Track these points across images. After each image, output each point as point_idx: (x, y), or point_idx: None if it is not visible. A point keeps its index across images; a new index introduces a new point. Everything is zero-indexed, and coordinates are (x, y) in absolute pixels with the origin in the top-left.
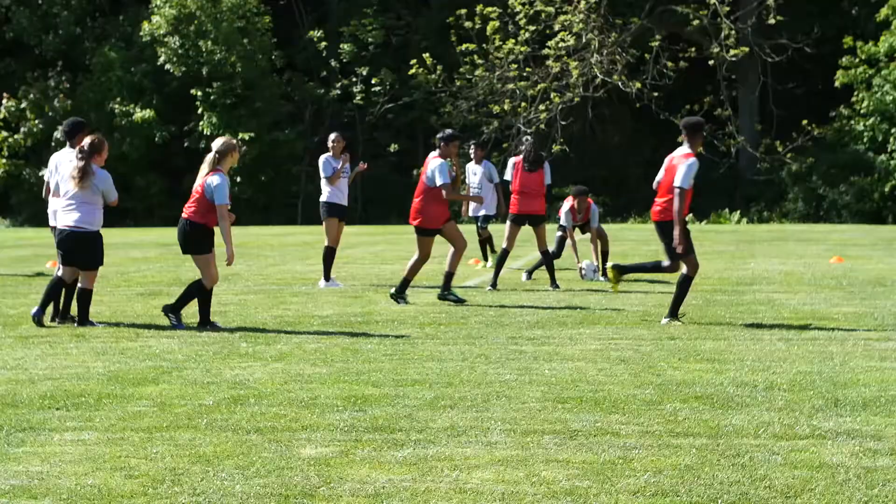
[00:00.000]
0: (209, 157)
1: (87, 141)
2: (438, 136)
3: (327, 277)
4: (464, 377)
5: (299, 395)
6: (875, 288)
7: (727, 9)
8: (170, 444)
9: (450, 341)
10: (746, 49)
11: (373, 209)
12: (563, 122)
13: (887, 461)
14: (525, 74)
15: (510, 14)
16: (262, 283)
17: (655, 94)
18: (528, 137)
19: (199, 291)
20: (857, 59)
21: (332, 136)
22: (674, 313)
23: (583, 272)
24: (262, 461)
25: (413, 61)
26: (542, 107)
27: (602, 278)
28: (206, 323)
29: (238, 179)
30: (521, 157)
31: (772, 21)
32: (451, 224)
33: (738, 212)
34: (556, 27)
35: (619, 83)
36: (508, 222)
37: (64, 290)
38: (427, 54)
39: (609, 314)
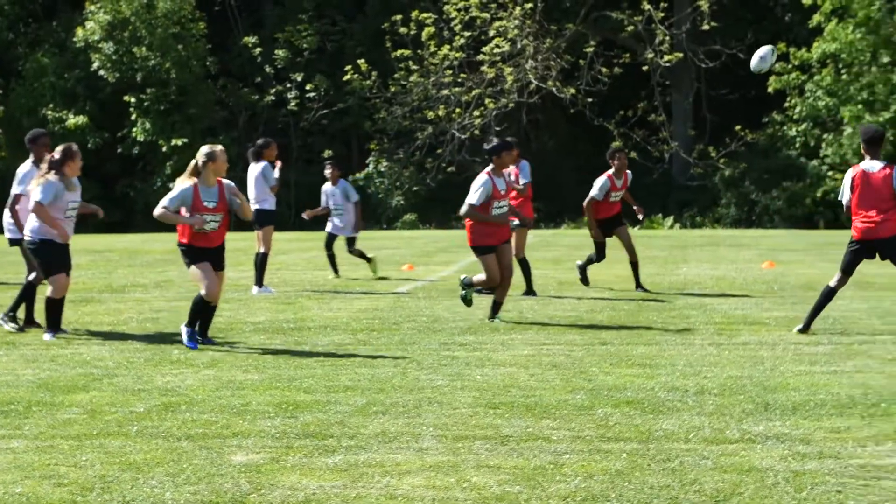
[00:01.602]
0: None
1: (58, 150)
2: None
3: (260, 284)
4: (395, 383)
5: (231, 401)
6: (806, 292)
7: (661, 15)
8: (100, 452)
9: (382, 347)
10: (680, 55)
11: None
12: (498, 128)
13: (816, 465)
14: (460, 80)
15: (445, 20)
16: (195, 290)
17: (590, 99)
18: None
19: (197, 304)
20: (790, 65)
21: (259, 142)
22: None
23: None
24: (192, 468)
25: (348, 67)
26: (476, 112)
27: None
28: (202, 335)
29: (171, 186)
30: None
31: (706, 27)
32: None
33: (672, 217)
34: (492, 33)
35: (554, 89)
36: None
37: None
38: (362, 60)
39: (541, 320)
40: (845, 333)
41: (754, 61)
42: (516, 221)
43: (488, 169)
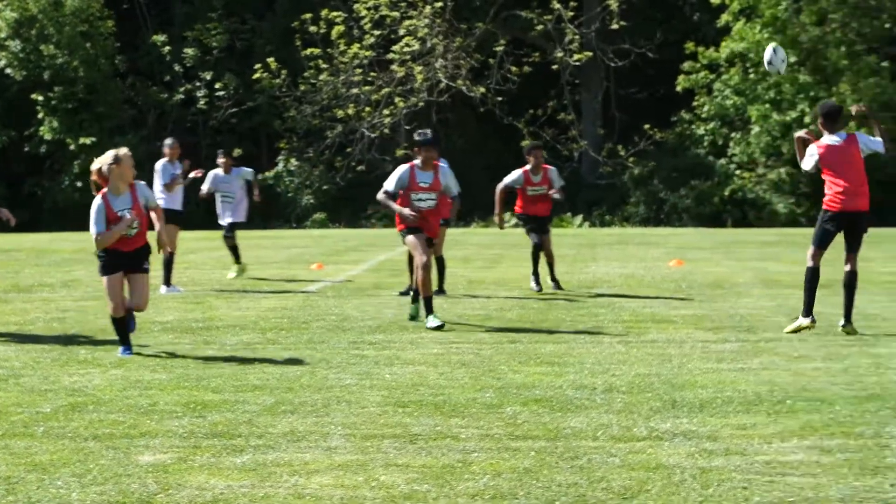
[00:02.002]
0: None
1: None
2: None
3: (168, 283)
4: (304, 382)
5: (138, 401)
6: (713, 291)
7: (571, 14)
8: (5, 453)
9: (291, 346)
10: (590, 54)
11: (215, 214)
12: (408, 127)
13: (722, 461)
14: (370, 79)
15: (355, 19)
16: (102, 289)
17: (499, 98)
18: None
19: (113, 322)
20: (699, 65)
21: (168, 141)
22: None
23: None
24: (99, 468)
25: (257, 66)
26: (386, 111)
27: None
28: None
29: (79, 185)
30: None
31: (615, 26)
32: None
33: (581, 215)
34: (401, 32)
35: (464, 88)
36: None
37: None
38: (272, 59)
39: (450, 318)
40: (752, 331)
41: (778, 64)
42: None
43: (415, 161)
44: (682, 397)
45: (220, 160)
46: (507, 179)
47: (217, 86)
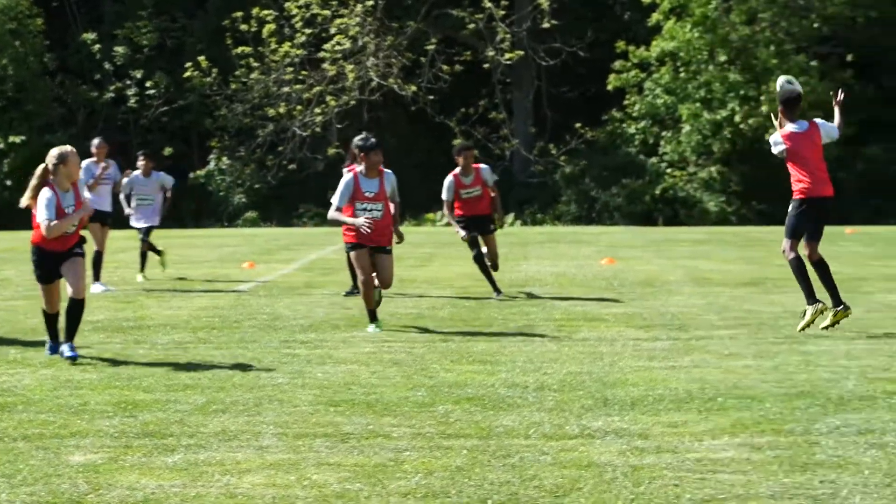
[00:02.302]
0: (39, 169)
1: None
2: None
3: (97, 279)
4: (236, 381)
5: (69, 401)
6: (645, 289)
7: (502, 13)
8: None
9: (222, 345)
10: (521, 53)
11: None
12: (339, 126)
13: (653, 459)
14: (301, 78)
15: (286, 17)
16: (32, 289)
17: (431, 97)
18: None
19: (45, 317)
20: (629, 64)
21: (95, 141)
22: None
23: None
24: (29, 469)
25: (188, 64)
26: (317, 110)
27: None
28: (68, 339)
29: (8, 184)
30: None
31: (546, 25)
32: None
33: (512, 214)
34: (333, 30)
35: (395, 86)
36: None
37: None
38: (202, 57)
39: (382, 317)
40: (683, 329)
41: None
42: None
43: (358, 168)
44: (613, 395)
45: (140, 162)
46: (444, 193)
47: (148, 84)
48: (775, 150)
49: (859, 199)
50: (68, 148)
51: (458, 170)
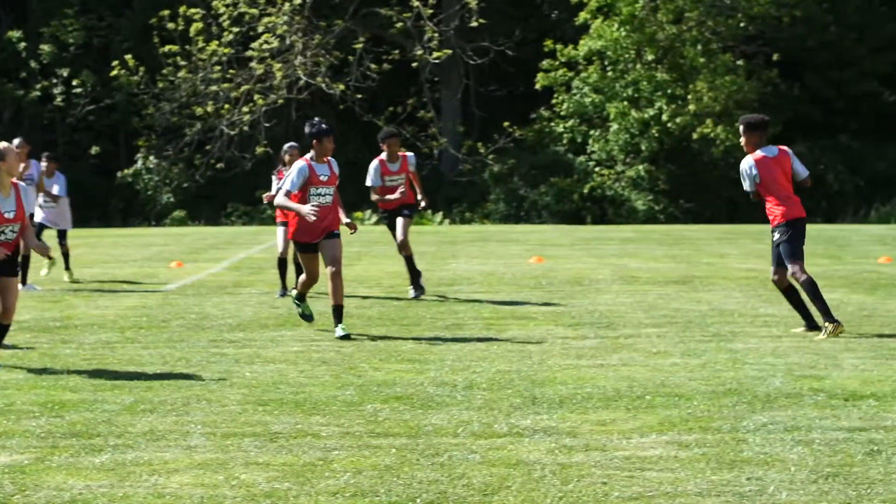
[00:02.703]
0: None
1: None
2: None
3: (24, 282)
4: (164, 381)
5: None
6: (573, 287)
7: (430, 12)
8: None
9: (150, 345)
10: (449, 51)
11: (73, 212)
12: (267, 124)
13: (582, 457)
14: (229, 76)
15: (214, 16)
16: None
17: (359, 96)
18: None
19: None
20: (557, 62)
21: (16, 141)
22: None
23: None
24: None
25: (115, 63)
26: (245, 109)
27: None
28: None
29: None
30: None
31: (474, 24)
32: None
33: (441, 213)
34: (260, 29)
35: (323, 85)
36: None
37: None
38: (129, 56)
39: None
40: (611, 327)
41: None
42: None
43: (307, 156)
44: (542, 394)
45: (43, 163)
46: (369, 179)
47: (74, 83)
48: (747, 186)
49: None
50: (2, 144)
51: (383, 156)
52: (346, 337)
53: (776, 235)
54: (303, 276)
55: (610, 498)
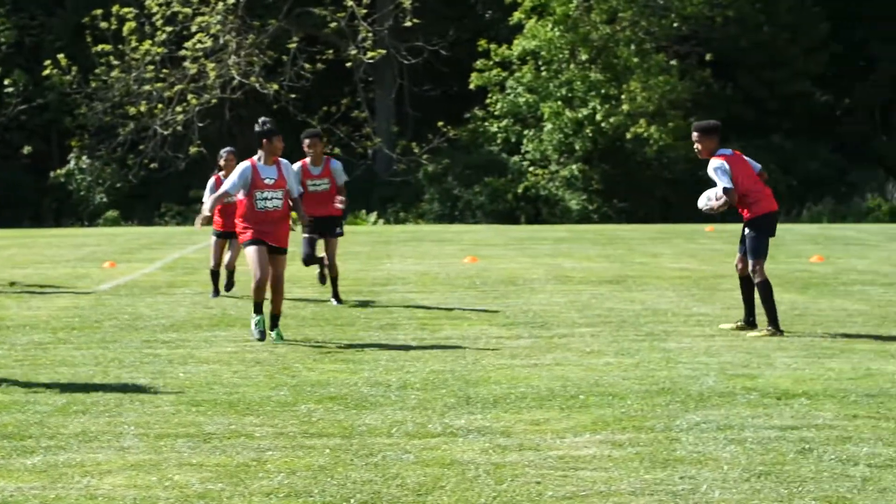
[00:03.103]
0: None
1: None
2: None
3: None
4: (96, 382)
5: None
6: (507, 287)
7: (364, 11)
8: None
9: (83, 346)
10: (383, 51)
11: (4, 212)
12: (201, 124)
13: (516, 457)
14: (162, 76)
15: (147, 15)
16: None
17: (293, 95)
18: None
19: None
20: (491, 62)
21: None
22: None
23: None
24: None
25: (47, 62)
26: (179, 108)
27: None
28: None
29: None
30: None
31: (408, 24)
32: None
33: (375, 213)
34: (194, 28)
35: (257, 85)
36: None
37: None
38: (62, 55)
39: (244, 317)
40: (545, 327)
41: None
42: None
43: (255, 157)
44: (476, 393)
45: None
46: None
47: (6, 82)
48: (726, 182)
49: None
50: None
51: (307, 158)
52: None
53: (747, 230)
54: (253, 288)
55: (544, 497)
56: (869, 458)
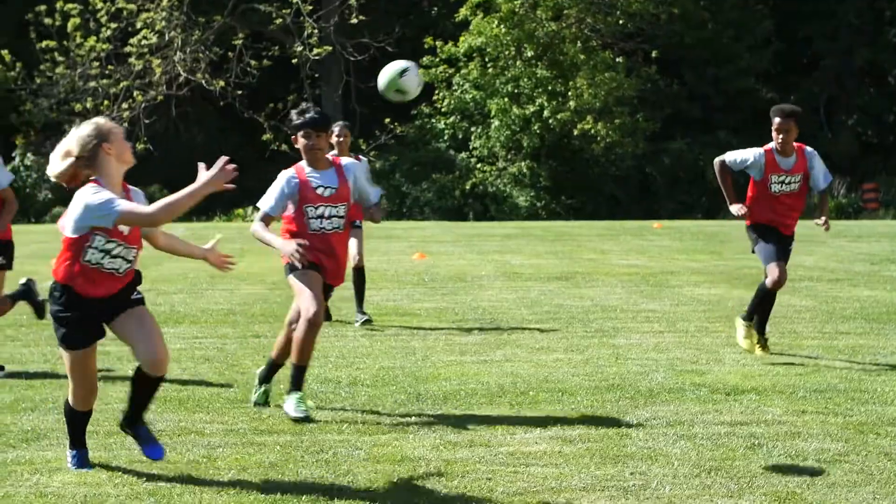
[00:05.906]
0: None
1: None
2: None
3: None
4: (45, 379)
5: None
6: (456, 283)
7: (310, 8)
8: None
9: (31, 343)
10: (329, 48)
11: None
12: (147, 121)
13: (466, 453)
14: (107, 72)
15: (91, 11)
16: None
17: (239, 92)
18: None
19: None
20: (438, 59)
21: None
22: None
23: None
24: None
25: None
26: (125, 105)
27: None
28: None
29: None
30: None
31: (354, 21)
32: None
33: None
34: (139, 25)
35: (203, 81)
36: None
37: None
38: (5, 51)
39: (193, 313)
40: (495, 324)
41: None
42: None
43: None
44: (426, 390)
45: None
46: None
47: None
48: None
49: (666, 194)
50: None
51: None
52: (304, 419)
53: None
54: (296, 334)
55: (495, 493)
56: (817, 453)
